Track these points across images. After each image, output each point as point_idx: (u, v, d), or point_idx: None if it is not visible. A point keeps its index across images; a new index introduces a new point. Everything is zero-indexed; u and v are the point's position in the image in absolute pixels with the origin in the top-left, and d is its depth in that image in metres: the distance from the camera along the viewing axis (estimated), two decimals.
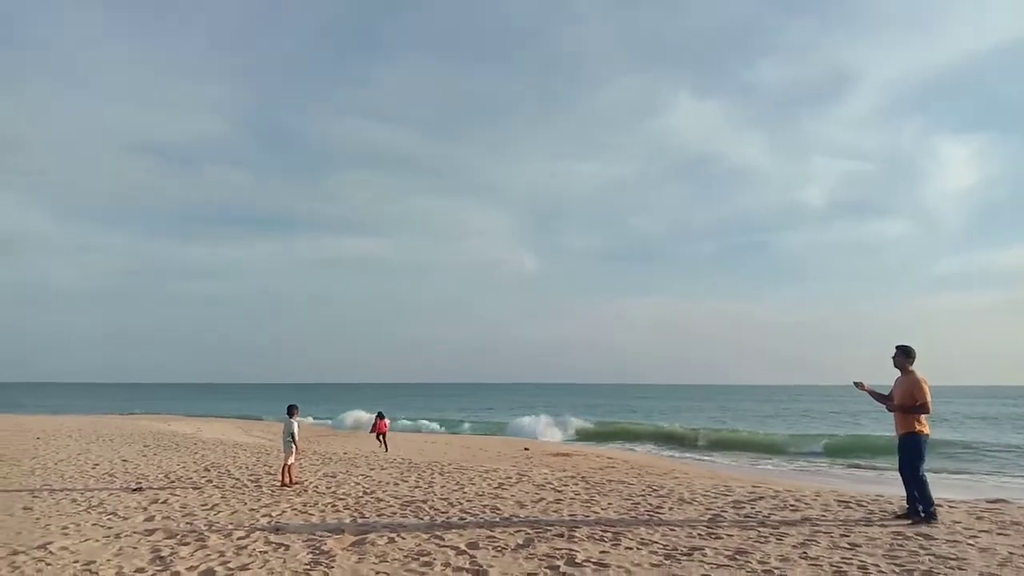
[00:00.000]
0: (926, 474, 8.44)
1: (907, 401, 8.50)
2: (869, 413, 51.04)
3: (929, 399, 8.38)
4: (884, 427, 32.58)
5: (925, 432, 8.44)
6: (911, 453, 8.44)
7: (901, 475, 8.61)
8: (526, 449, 25.10)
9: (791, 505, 9.35)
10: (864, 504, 9.14)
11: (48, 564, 6.75)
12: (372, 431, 26.09)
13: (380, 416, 26.12)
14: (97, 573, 6.43)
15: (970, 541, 7.17)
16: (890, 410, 8.76)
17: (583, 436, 37.75)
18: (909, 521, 8.28)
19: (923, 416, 8.43)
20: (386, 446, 24.50)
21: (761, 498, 9.98)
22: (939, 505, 8.99)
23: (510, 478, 12.47)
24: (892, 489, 11.16)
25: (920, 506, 8.37)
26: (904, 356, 8.63)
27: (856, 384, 9.02)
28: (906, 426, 8.49)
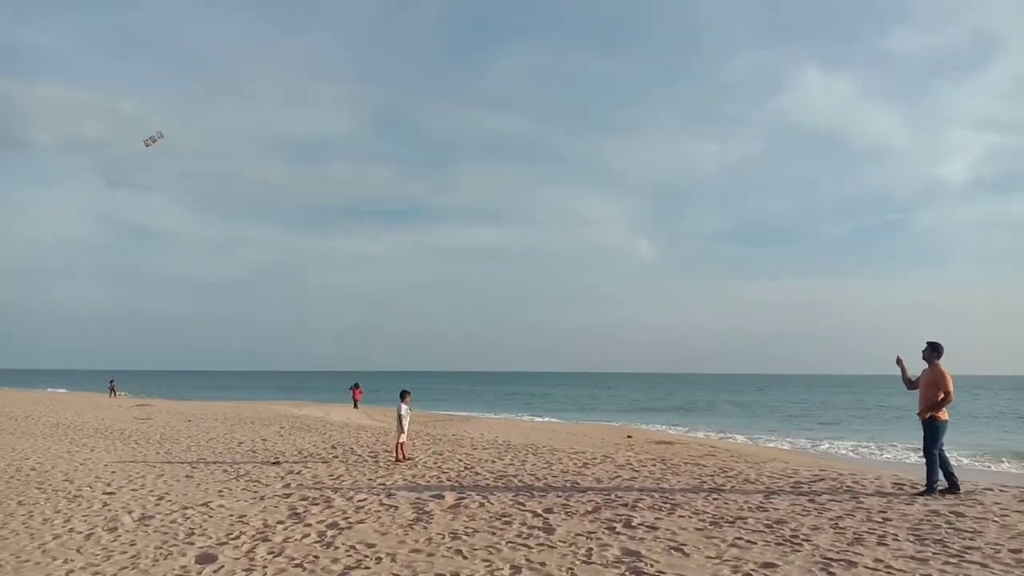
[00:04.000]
0: (937, 455, 9.42)
1: (931, 390, 9.47)
2: None
3: (952, 389, 9.36)
4: None
5: (943, 419, 9.46)
6: (928, 437, 9.47)
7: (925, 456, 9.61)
8: (629, 437, 26.04)
9: (847, 487, 10.12)
10: (918, 486, 9.79)
11: (210, 517, 8.62)
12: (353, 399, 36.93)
13: (356, 386, 37.16)
14: (248, 523, 8.22)
15: (996, 519, 7.84)
16: (909, 389, 9.98)
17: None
18: (953, 495, 9.23)
19: (944, 406, 9.43)
20: (356, 405, 36.02)
21: (821, 480, 10.77)
22: (989, 489, 9.67)
23: (595, 459, 13.70)
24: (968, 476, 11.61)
25: (928, 481, 9.47)
26: (932, 351, 9.68)
27: (897, 359, 10.11)
28: (928, 412, 9.49)
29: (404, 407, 13.79)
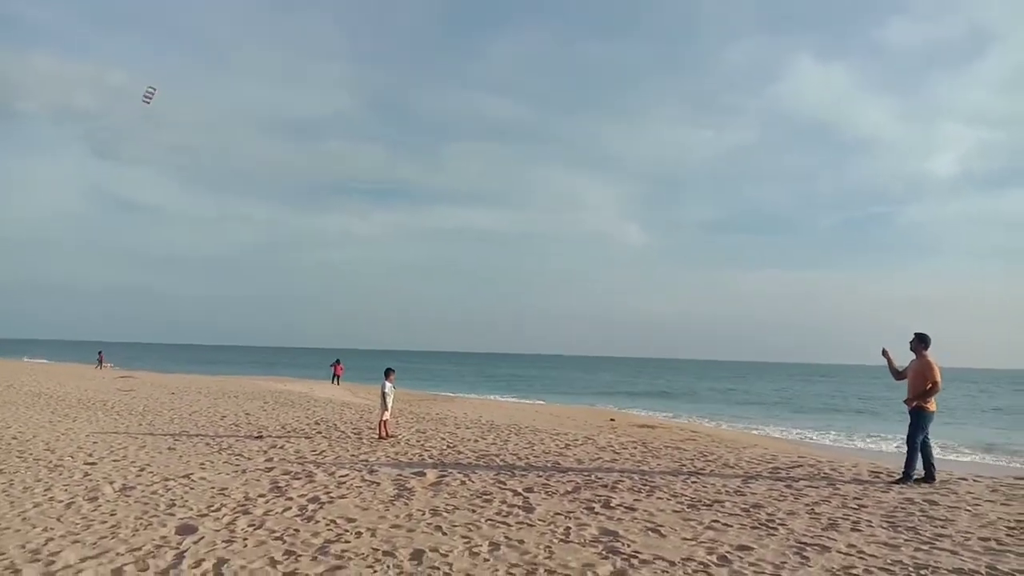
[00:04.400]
0: (919, 445, 9.53)
1: (919, 380, 9.55)
2: None
3: (939, 379, 9.44)
4: None
5: (930, 409, 9.54)
6: (913, 425, 9.53)
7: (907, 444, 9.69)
8: (612, 420, 26.18)
9: (825, 473, 10.27)
10: (894, 474, 9.94)
11: (192, 488, 8.63)
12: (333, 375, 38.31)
13: (337, 362, 38.49)
14: (229, 496, 8.24)
15: (969, 508, 7.98)
16: (896, 379, 10.03)
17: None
18: (928, 484, 9.35)
19: (931, 395, 9.52)
20: (337, 381, 37.27)
21: (799, 466, 10.92)
22: (964, 479, 9.83)
23: (577, 440, 13.82)
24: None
25: (906, 469, 9.59)
26: (920, 342, 9.74)
27: (883, 351, 10.12)
28: (914, 401, 9.59)
29: (388, 385, 13.83)
